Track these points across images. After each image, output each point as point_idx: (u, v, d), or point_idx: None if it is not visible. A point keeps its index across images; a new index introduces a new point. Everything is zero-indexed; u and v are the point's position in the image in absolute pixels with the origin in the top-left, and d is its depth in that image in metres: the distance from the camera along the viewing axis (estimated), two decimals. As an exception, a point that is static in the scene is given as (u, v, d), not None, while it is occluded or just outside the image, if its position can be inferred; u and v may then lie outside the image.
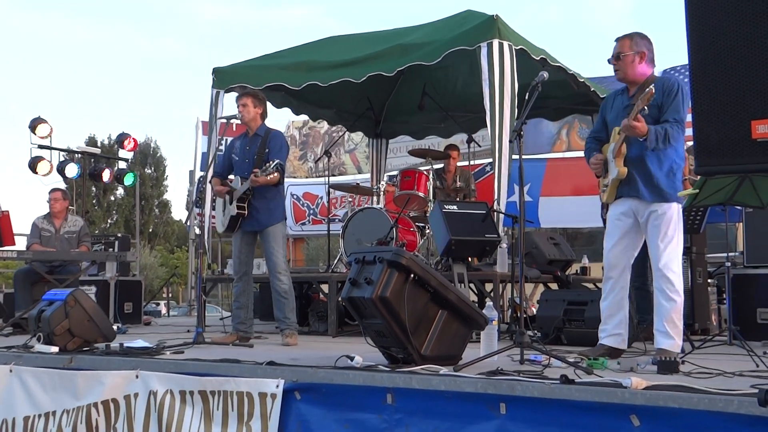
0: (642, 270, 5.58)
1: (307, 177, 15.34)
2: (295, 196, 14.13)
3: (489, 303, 4.91)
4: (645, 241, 4.58)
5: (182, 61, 77.57)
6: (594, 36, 75.04)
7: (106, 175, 10.84)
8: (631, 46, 4.50)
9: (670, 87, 4.42)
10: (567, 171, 11.07)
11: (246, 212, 6.03)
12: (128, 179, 11.25)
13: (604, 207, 6.04)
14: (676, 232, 4.41)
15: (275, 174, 5.82)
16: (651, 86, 4.27)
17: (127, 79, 75.40)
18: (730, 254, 5.98)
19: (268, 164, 5.79)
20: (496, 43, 6.63)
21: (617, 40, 4.58)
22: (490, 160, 6.77)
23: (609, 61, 4.62)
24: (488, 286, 6.69)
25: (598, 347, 4.61)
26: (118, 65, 75.23)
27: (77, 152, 10.99)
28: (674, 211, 4.43)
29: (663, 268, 4.36)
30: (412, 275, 4.07)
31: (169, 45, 76.49)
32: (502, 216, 6.49)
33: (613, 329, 4.61)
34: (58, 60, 72.17)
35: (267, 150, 6.00)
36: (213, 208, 6.54)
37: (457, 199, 8.02)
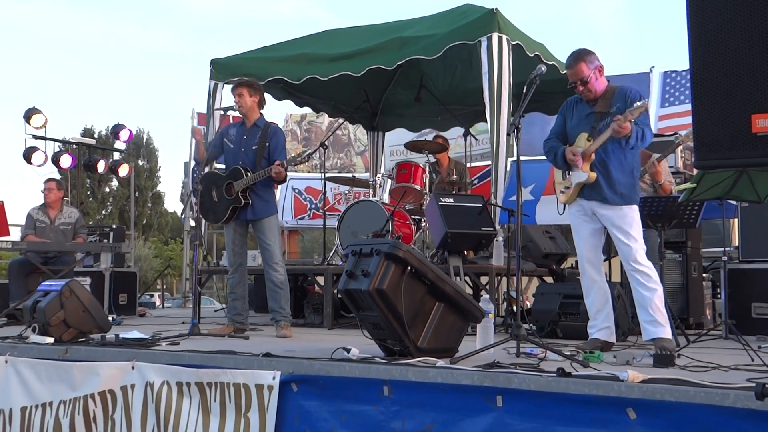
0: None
1: (309, 172, 15.33)
2: (296, 190, 14.13)
3: (485, 296, 4.91)
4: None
5: (175, 53, 77.42)
6: (587, 32, 75.07)
7: (101, 166, 10.79)
8: (588, 67, 4.68)
9: (633, 97, 4.59)
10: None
11: (250, 201, 6.02)
12: (123, 170, 11.20)
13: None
14: (638, 230, 4.62)
15: (305, 162, 5.89)
16: (645, 101, 4.51)
17: (120, 70, 75.18)
18: (726, 249, 6.00)
19: (299, 155, 5.92)
20: (495, 37, 6.62)
21: (569, 67, 4.73)
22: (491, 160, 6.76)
23: (573, 88, 4.77)
24: (484, 279, 6.70)
25: (591, 341, 4.71)
26: (112, 57, 74.99)
27: (72, 143, 10.93)
28: (634, 212, 4.65)
29: (634, 264, 4.53)
30: (409, 268, 4.07)
31: (162, 37, 76.30)
32: (498, 209, 6.49)
33: (602, 323, 4.75)
34: (53, 51, 71.93)
35: (268, 145, 5.99)
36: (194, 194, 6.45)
37: (453, 192, 8.01)
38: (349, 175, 12.01)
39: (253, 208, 6.04)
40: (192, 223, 14.36)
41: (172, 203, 48.81)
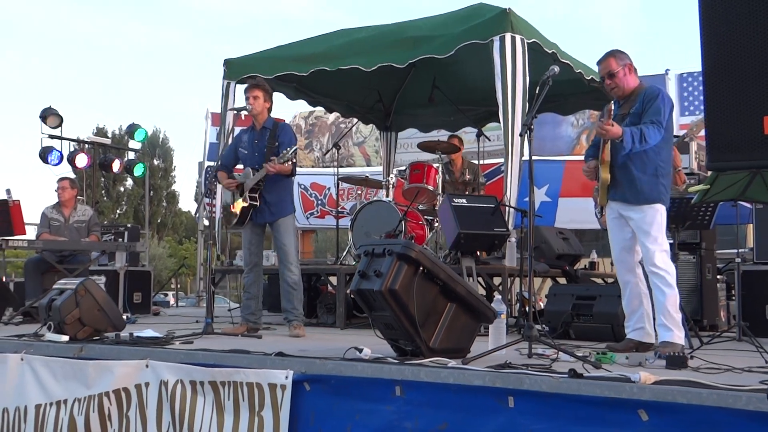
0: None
1: (313, 166, 15.29)
2: (302, 186, 14.09)
3: (497, 297, 4.92)
4: None
5: (189, 53, 77.65)
6: (598, 33, 74.74)
7: (116, 166, 10.86)
8: (618, 63, 4.74)
9: (651, 94, 4.63)
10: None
11: (258, 203, 6.04)
12: (138, 170, 11.29)
13: (597, 206, 6.18)
14: (660, 232, 4.60)
15: (290, 163, 5.84)
16: (610, 103, 4.62)
17: (134, 69, 75.49)
18: (740, 251, 5.97)
19: (285, 151, 5.82)
20: (508, 36, 6.62)
21: (600, 63, 4.80)
22: (503, 160, 6.75)
23: (602, 83, 4.86)
24: (496, 280, 6.69)
25: (625, 342, 4.73)
26: (125, 56, 75.30)
27: (87, 142, 11.02)
28: (657, 212, 4.62)
29: (652, 266, 4.55)
30: (421, 268, 4.09)
31: (176, 36, 76.55)
32: (511, 210, 6.49)
33: (636, 324, 4.75)
34: (69, 52, 72.36)
35: (277, 143, 6.01)
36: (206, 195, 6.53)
37: (466, 192, 8.02)
38: (360, 173, 12.02)
39: (269, 209, 6.06)
40: (206, 222, 14.45)
41: (187, 203, 48.99)
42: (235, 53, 8.35)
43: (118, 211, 45.06)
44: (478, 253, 6.54)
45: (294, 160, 5.93)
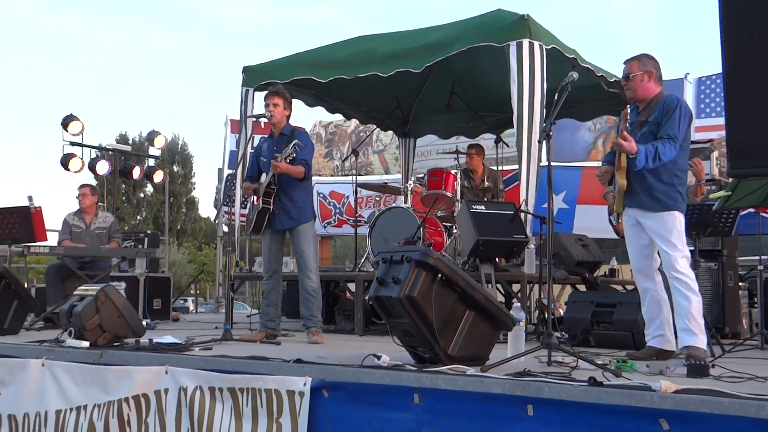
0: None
1: (332, 175, 15.29)
2: (321, 195, 14.10)
3: (516, 304, 4.90)
4: None
5: (208, 60, 78.10)
6: (616, 35, 74.38)
7: (136, 173, 10.95)
8: (640, 67, 4.72)
9: (669, 104, 4.61)
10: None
11: (271, 207, 6.03)
12: (158, 176, 11.32)
13: (612, 213, 6.14)
14: (679, 238, 4.57)
15: (296, 162, 5.79)
16: (626, 107, 4.62)
17: (154, 77, 76.06)
18: (763, 258, 5.90)
19: (285, 147, 5.81)
20: (526, 42, 6.60)
21: (626, 62, 4.80)
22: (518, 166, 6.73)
23: (620, 82, 4.89)
24: (515, 287, 6.67)
25: (646, 349, 4.70)
26: (146, 63, 75.88)
27: (108, 149, 11.12)
28: (675, 219, 4.59)
29: (674, 272, 4.51)
30: (439, 275, 4.07)
31: (196, 44, 76.99)
32: (530, 217, 6.46)
33: (656, 331, 4.73)
34: (89, 59, 72.99)
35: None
36: (243, 206, 6.55)
37: (485, 199, 8.00)
38: (377, 178, 12.03)
39: (288, 215, 6.06)
40: (225, 228, 14.51)
41: (206, 209, 49.27)
42: (255, 61, 8.37)
43: (138, 218, 45.35)
44: (497, 259, 6.52)
45: (296, 159, 5.87)
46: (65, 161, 10.16)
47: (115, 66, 73.78)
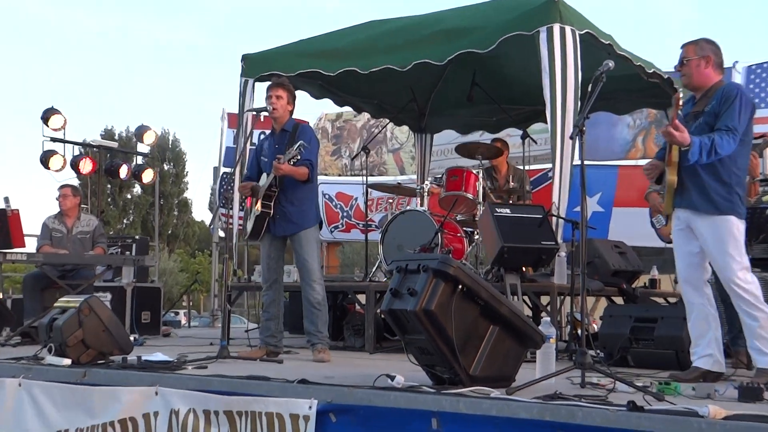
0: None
1: (340, 175, 15.25)
2: (327, 196, 14.07)
3: (545, 318, 4.88)
4: None
5: (202, 49, 78.43)
6: (654, 20, 74.12)
7: (123, 172, 10.98)
8: (696, 51, 4.68)
9: (728, 93, 4.55)
10: (643, 180, 11.02)
11: (272, 212, 6.05)
12: (147, 176, 11.36)
13: (654, 215, 6.08)
14: (737, 247, 4.52)
15: (300, 162, 5.78)
16: (678, 91, 4.39)
17: (143, 67, 76.50)
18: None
19: (290, 148, 5.81)
20: (557, 27, 6.58)
21: (683, 46, 4.76)
22: (552, 165, 6.70)
23: (675, 67, 4.82)
24: (544, 300, 6.64)
25: (691, 370, 4.65)
26: (133, 53, 76.36)
27: (93, 146, 11.19)
28: (732, 225, 4.53)
29: (734, 286, 4.47)
30: (460, 286, 4.08)
31: (189, 33, 77.38)
32: (560, 221, 6.44)
33: (704, 350, 4.67)
34: (71, 48, 73.49)
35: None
36: (242, 208, 6.57)
37: (510, 201, 7.98)
38: (390, 179, 12.01)
39: (289, 220, 6.07)
40: (221, 233, 14.55)
41: (200, 212, 49.56)
42: (254, 49, 8.39)
43: (124, 221, 45.59)
44: (524, 269, 6.50)
45: (300, 159, 5.87)
46: (45, 159, 10.21)
47: (100, 55, 74.32)
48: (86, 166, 10.51)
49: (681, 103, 4.52)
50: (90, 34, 73.59)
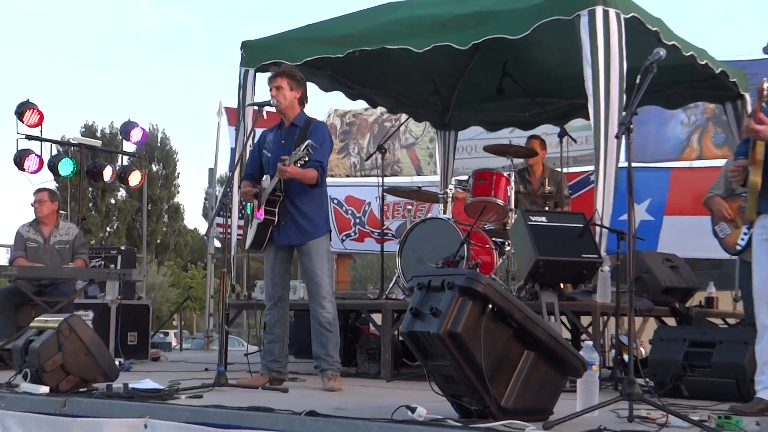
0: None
1: (348, 175, 15.20)
2: (336, 201, 14.03)
3: (587, 342, 4.86)
4: None
5: (195, 34, 78.72)
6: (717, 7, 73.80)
7: (107, 174, 11.01)
8: None
9: None
10: (698, 184, 10.95)
11: (276, 219, 6.05)
12: (134, 178, 11.38)
13: (717, 223, 6.04)
14: None
15: (310, 167, 5.78)
16: (763, 81, 4.44)
17: (128, 55, 76.84)
18: None
19: (298, 147, 5.81)
20: (599, 11, 6.57)
21: None
22: (593, 167, 6.68)
23: (764, 50, 4.77)
24: (585, 320, 6.62)
25: (755, 402, 4.63)
26: (117, 38, 76.71)
27: (73, 144, 11.21)
28: None
29: None
30: (490, 306, 4.08)
31: (179, 14, 77.69)
32: (604, 231, 6.42)
33: None
34: (47, 33, 73.92)
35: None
36: (241, 215, 6.58)
37: (546, 207, 7.97)
38: (409, 183, 11.99)
39: (296, 228, 6.07)
40: (217, 244, 14.60)
41: (193, 219, 49.79)
42: (255, 35, 8.41)
43: (107, 229, 45.81)
44: (562, 285, 6.49)
45: (321, 164, 5.89)
46: (20, 159, 10.25)
47: (79, 41, 74.67)
48: (66, 167, 10.53)
49: (766, 93, 4.48)
50: (66, 18, 74.07)
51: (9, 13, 70.63)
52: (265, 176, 6.23)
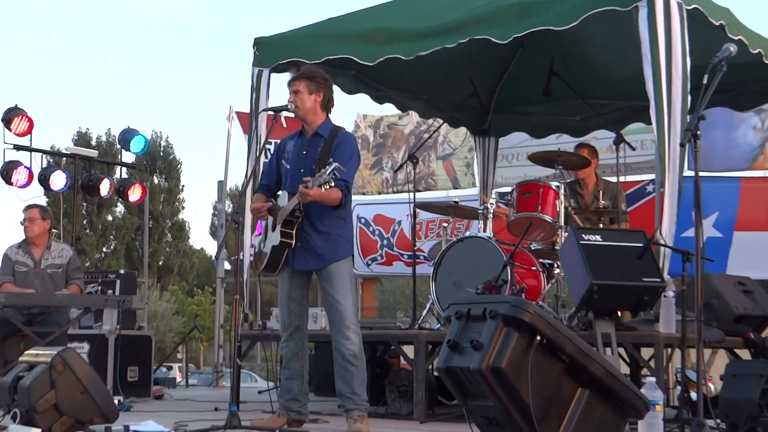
0: None
1: (380, 192, 15.16)
2: (363, 220, 14.00)
3: (650, 379, 4.83)
4: None
5: (200, 30, 79.11)
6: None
7: (104, 188, 11.07)
8: None
9: None
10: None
11: (293, 242, 6.07)
12: (135, 193, 11.42)
13: None
14: None
15: (334, 187, 5.77)
16: None
17: (125, 54, 77.32)
18: None
19: (323, 170, 5.80)
20: (660, 1, 6.57)
21: None
22: (652, 176, 6.66)
23: None
24: (647, 353, 6.60)
25: None
26: (116, 35, 77.26)
27: (66, 155, 11.30)
28: None
29: None
30: (538, 337, 4.10)
31: (182, 8, 78.12)
32: (667, 251, 6.40)
33: None
34: (35, 32, 74.55)
35: (331, 159, 5.98)
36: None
37: (601, 224, 7.94)
38: (445, 198, 11.97)
39: (315, 251, 6.08)
40: (227, 266, 14.63)
41: (200, 237, 50.01)
42: (269, 30, 8.47)
43: (104, 249, 46.09)
44: (620, 313, 6.46)
45: (334, 185, 5.82)
46: (7, 172, 10.33)
47: (70, 39, 75.28)
48: (59, 180, 10.59)
49: None
50: (53, 10, 74.59)
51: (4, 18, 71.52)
52: (281, 192, 6.24)
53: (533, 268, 7.48)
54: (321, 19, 8.41)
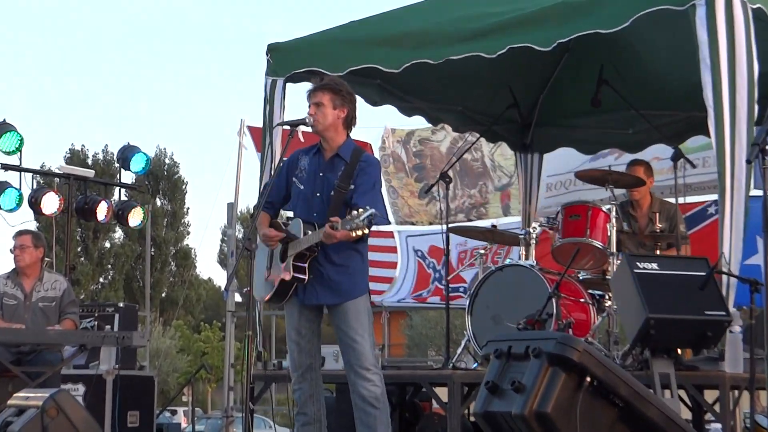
0: None
1: (431, 223, 15.03)
2: (419, 253, 13.94)
3: (714, 425, 4.81)
4: None
5: (208, 34, 79.47)
6: None
7: (101, 211, 11.11)
8: None
9: None
10: None
11: (306, 278, 6.06)
12: (135, 217, 11.48)
13: None
14: None
15: (365, 230, 5.65)
16: None
17: (126, 64, 77.75)
18: None
19: (357, 212, 5.66)
20: (721, 0, 6.56)
21: None
22: (715, 196, 6.63)
23: None
24: (711, 396, 6.56)
25: None
26: (115, 41, 77.78)
27: (59, 175, 11.34)
28: None
29: None
30: (588, 378, 4.09)
31: (189, 11, 78.57)
32: (732, 281, 6.37)
33: None
34: (23, 39, 75.10)
35: (352, 186, 5.99)
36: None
37: (657, 251, 7.91)
38: (486, 223, 11.96)
39: (329, 286, 6.06)
40: (238, 298, 14.65)
41: (208, 266, 50.07)
42: (284, 36, 8.49)
43: (100, 280, 46.25)
44: (680, 351, 6.44)
45: (365, 228, 5.66)
46: (-6, 194, 10.41)
47: (62, 46, 75.75)
48: (51, 203, 10.64)
49: None
50: (43, 14, 75.05)
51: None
52: (292, 220, 6.18)
53: (581, 300, 7.46)
54: (340, 23, 8.44)
